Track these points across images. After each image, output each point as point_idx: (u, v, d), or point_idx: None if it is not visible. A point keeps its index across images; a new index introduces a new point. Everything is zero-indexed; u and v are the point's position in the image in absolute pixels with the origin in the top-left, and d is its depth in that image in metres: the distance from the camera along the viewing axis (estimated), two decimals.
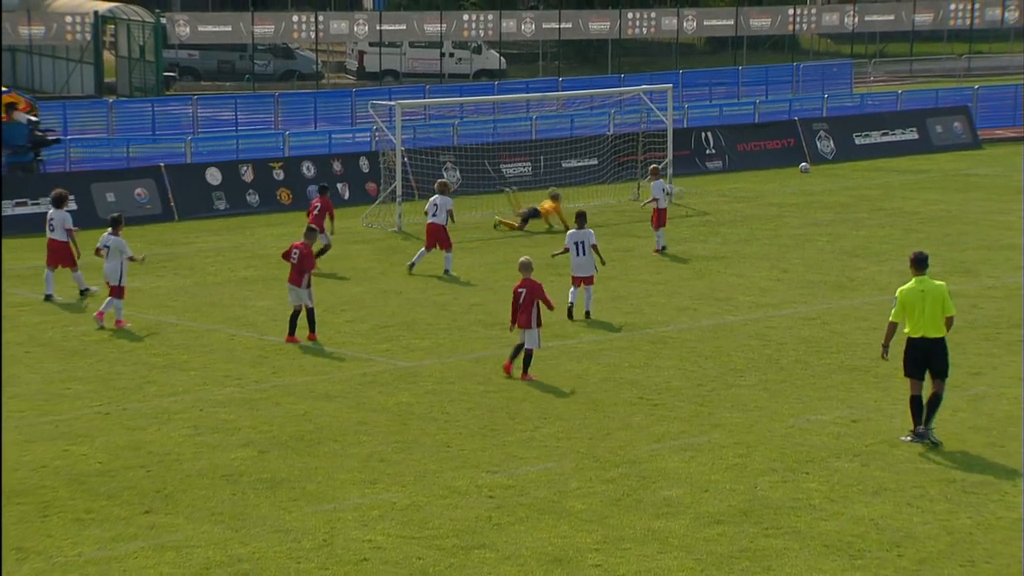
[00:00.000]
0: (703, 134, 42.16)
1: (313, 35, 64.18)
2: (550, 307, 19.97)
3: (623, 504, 14.71)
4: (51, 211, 25.06)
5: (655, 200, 28.78)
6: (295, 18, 64.31)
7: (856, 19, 73.62)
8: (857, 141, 44.35)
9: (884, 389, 18.69)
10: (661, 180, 30.09)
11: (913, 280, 16.72)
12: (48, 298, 24.61)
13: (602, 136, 39.62)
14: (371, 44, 67.16)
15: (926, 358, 16.55)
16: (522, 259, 20.34)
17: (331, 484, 15.46)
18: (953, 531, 13.81)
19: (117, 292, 22.81)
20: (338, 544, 13.77)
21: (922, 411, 16.57)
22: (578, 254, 22.92)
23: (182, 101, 47.10)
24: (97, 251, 23.24)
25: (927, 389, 16.65)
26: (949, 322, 16.65)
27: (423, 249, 27.28)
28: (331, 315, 23.63)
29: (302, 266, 21.70)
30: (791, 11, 73.36)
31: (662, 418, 17.69)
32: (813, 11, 75.28)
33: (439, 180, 29.35)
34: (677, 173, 36.29)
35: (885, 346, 16.89)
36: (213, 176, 34.68)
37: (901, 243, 29.38)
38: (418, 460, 16.22)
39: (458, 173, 37.44)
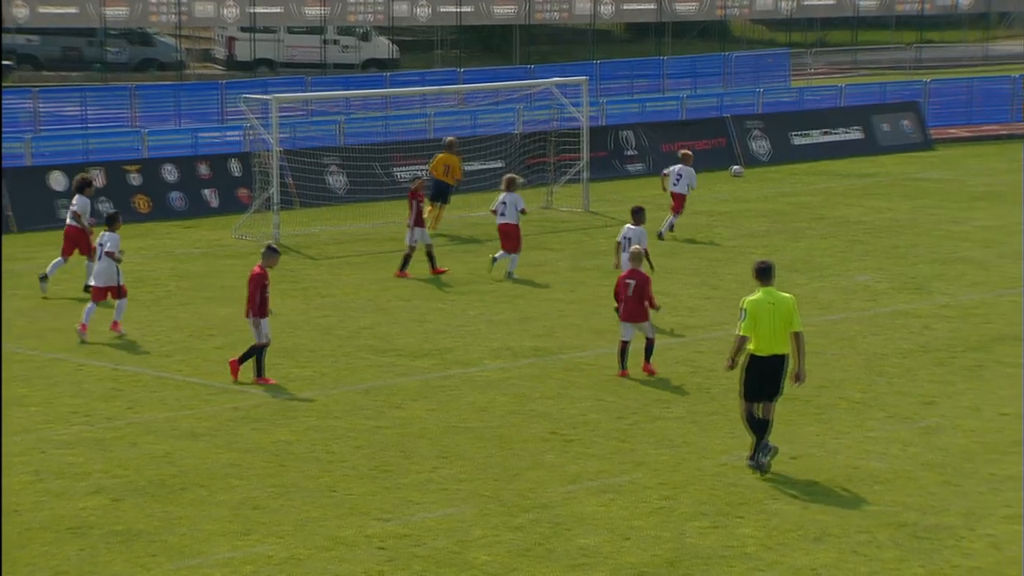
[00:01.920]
0: (623, 133, 42.44)
1: (175, 18, 63.58)
2: (653, 306, 21.18)
3: (533, 554, 14.71)
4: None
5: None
6: (153, 0, 63.67)
7: (793, 3, 74.42)
8: (795, 141, 44.86)
9: (826, 422, 18.90)
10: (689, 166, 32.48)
11: (760, 291, 17.06)
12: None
13: (509, 135, 39.66)
14: (242, 29, 66.68)
15: (767, 377, 16.92)
16: (632, 248, 21.56)
17: (196, 536, 15.30)
18: None
19: (120, 292, 23.78)
20: None
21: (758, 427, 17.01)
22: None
23: (20, 94, 46.36)
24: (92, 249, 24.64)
25: (762, 411, 17.07)
26: (797, 338, 16.90)
27: (502, 252, 28.03)
28: (197, 341, 23.44)
29: (254, 294, 21.11)
30: None
31: (577, 456, 17.72)
32: None
33: (506, 176, 29.76)
34: (594, 177, 36.52)
35: (733, 360, 17.17)
36: (57, 181, 34.18)
37: (844, 256, 29.78)
38: (298, 507, 16.11)
39: (344, 177, 37.27)
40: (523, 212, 28.35)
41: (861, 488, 16.49)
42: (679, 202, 32.19)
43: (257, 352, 21.09)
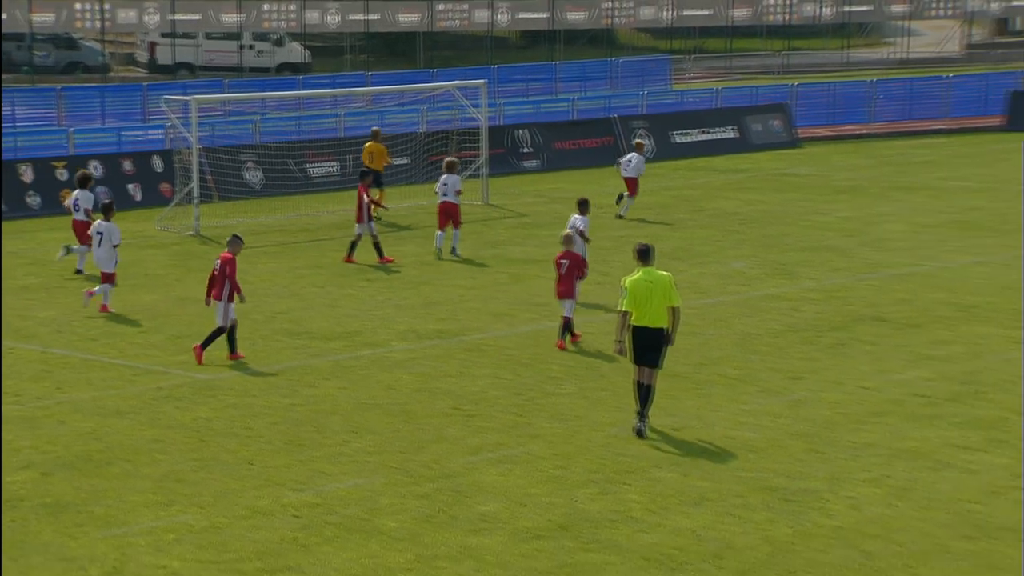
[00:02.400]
0: (518, 132, 42.52)
1: (99, 24, 62.88)
2: (583, 276, 22.08)
3: (437, 520, 14.71)
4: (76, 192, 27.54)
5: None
6: (78, 6, 62.89)
7: (673, 13, 75.03)
8: (676, 139, 45.20)
9: (704, 396, 19.05)
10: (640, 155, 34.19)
11: (640, 271, 17.43)
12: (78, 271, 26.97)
13: (413, 134, 39.62)
14: (163, 35, 66.13)
15: (649, 347, 17.30)
16: (565, 232, 22.41)
17: (122, 507, 15.13)
18: (773, 541, 14.10)
19: (110, 278, 23.99)
20: (129, 571, 13.47)
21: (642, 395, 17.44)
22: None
23: None
24: (89, 237, 25.07)
25: (646, 377, 17.42)
26: (674, 312, 17.31)
27: (439, 232, 28.76)
28: (123, 325, 23.19)
29: (222, 279, 20.84)
30: (607, 4, 74.42)
31: (478, 429, 17.74)
32: (629, 4, 76.45)
33: (447, 159, 30.38)
34: (492, 173, 36.52)
35: (620, 340, 17.47)
36: None
37: (721, 244, 30.05)
38: (218, 479, 15.99)
39: (260, 173, 37.03)
40: (459, 193, 29.02)
41: (736, 456, 16.64)
42: (632, 185, 33.58)
43: (228, 332, 20.88)
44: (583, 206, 24.69)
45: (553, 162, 42.22)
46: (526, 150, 42.12)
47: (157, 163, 36.20)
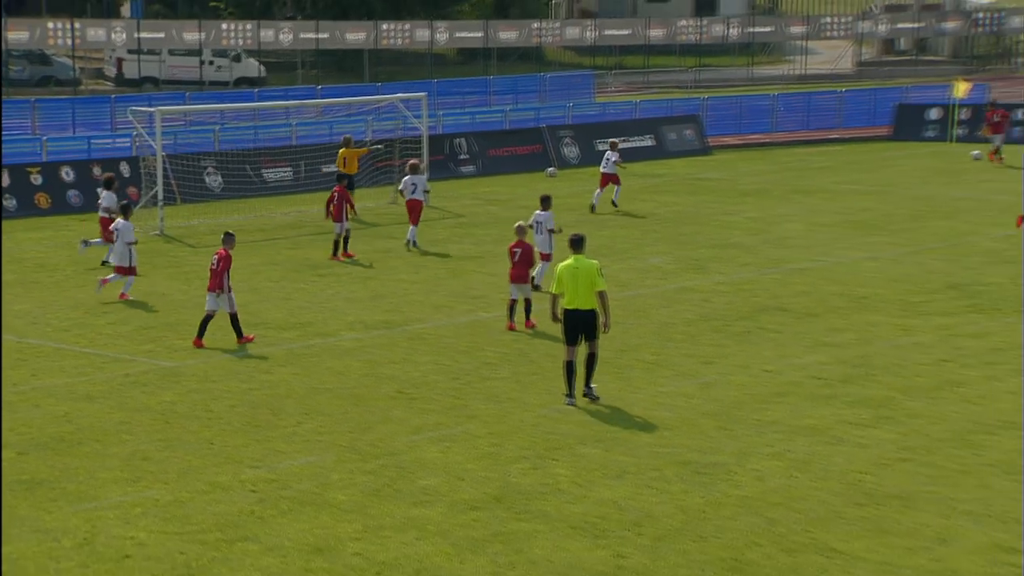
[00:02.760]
0: (456, 140, 42.45)
1: (70, 41, 62.24)
2: (533, 265, 22.30)
3: (383, 494, 14.68)
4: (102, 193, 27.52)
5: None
6: (51, 25, 62.25)
7: (596, 33, 75.35)
8: (599, 147, 45.13)
9: (625, 379, 19.12)
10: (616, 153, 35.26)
11: (571, 258, 17.81)
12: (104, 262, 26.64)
13: (360, 142, 39.41)
14: (130, 51, 65.57)
15: (579, 327, 17.66)
16: (518, 224, 22.47)
17: (92, 483, 14.99)
18: (687, 509, 14.19)
19: (128, 271, 24.07)
20: (99, 542, 13.36)
21: (574, 376, 17.77)
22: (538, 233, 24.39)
23: None
24: (110, 233, 24.87)
25: (582, 353, 17.74)
26: (601, 296, 17.62)
27: (412, 226, 29.02)
28: (93, 317, 22.96)
29: (222, 272, 20.79)
30: (536, 25, 74.70)
31: (420, 411, 17.72)
32: (556, 25, 76.73)
33: (411, 162, 30.80)
34: (432, 177, 36.34)
35: (554, 315, 17.99)
36: None
37: (640, 242, 30.16)
38: (181, 457, 15.87)
39: (220, 177, 36.78)
40: (427, 192, 29.73)
41: (653, 433, 16.72)
42: (615, 179, 34.79)
43: (232, 319, 20.93)
44: (545, 202, 24.71)
45: (488, 168, 42.20)
46: (463, 157, 42.08)
47: (124, 169, 35.76)
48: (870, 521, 13.82)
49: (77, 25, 62.12)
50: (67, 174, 35.04)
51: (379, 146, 36.89)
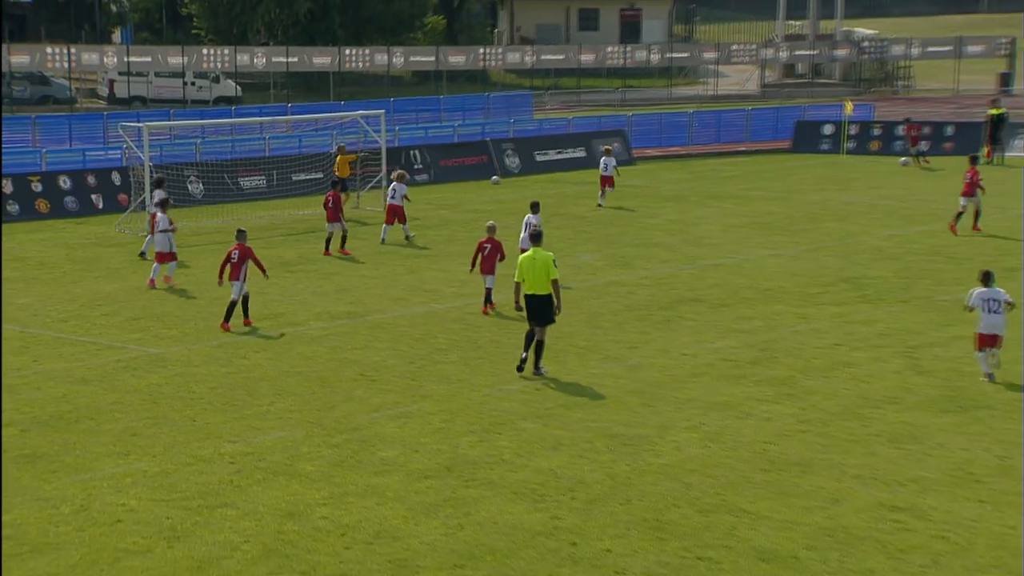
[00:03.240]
0: (412, 152, 42.33)
1: (66, 64, 61.56)
2: (503, 258, 22.31)
3: (346, 464, 14.62)
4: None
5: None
6: (49, 49, 61.61)
7: (534, 57, 75.48)
8: (537, 158, 45.31)
9: (561, 363, 19.14)
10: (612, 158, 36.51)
11: (531, 251, 18.31)
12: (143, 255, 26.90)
13: (326, 153, 39.24)
14: (120, 73, 64.94)
15: (535, 311, 18.12)
16: (489, 223, 22.80)
17: (88, 457, 14.83)
18: (615, 476, 14.24)
19: (170, 257, 24.40)
20: (94, 508, 13.22)
21: (531, 342, 18.19)
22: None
23: None
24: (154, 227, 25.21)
25: (538, 333, 18.12)
26: (554, 284, 18.04)
27: (386, 225, 29.44)
28: (88, 309, 22.70)
29: (243, 263, 21.12)
30: (482, 50, 74.77)
31: (379, 391, 17.66)
32: (499, 50, 76.68)
33: (396, 172, 31.12)
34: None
35: (516, 302, 18.46)
36: None
37: (573, 242, 30.19)
38: (167, 433, 15.73)
39: (201, 185, 36.45)
40: (405, 197, 29.74)
41: (585, 410, 16.76)
42: (610, 182, 35.75)
43: (243, 302, 21.21)
44: (535, 207, 24.84)
45: (440, 176, 42.11)
46: (418, 166, 41.95)
47: (116, 177, 35.48)
48: (773, 485, 13.93)
49: (73, 50, 61.48)
50: (64, 182, 34.65)
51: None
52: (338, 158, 34.49)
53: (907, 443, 15.24)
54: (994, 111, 45.48)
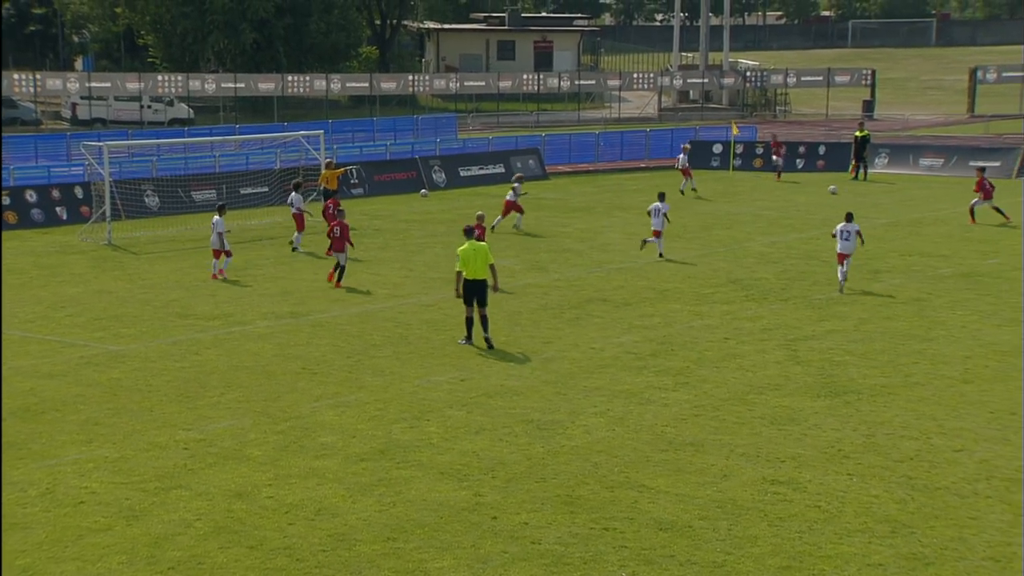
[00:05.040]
0: (348, 168, 41.94)
1: (32, 89, 60.29)
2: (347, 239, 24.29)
3: (290, 449, 14.47)
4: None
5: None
6: (16, 76, 60.40)
7: (458, 84, 75.41)
8: (462, 173, 45.23)
9: (483, 356, 19.13)
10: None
11: (467, 243, 19.17)
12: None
13: (271, 170, 38.85)
14: (82, 97, 63.85)
15: (475, 293, 19.11)
16: (479, 213, 25.03)
17: (53, 444, 14.51)
18: (531, 457, 14.26)
19: (225, 253, 25.37)
20: (59, 491, 12.93)
21: (472, 325, 19.29)
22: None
23: None
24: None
25: (477, 313, 19.18)
26: (491, 268, 19.15)
27: (297, 234, 29.21)
28: (53, 311, 22.20)
29: (344, 237, 24.12)
30: (411, 77, 74.55)
31: (320, 383, 17.51)
32: (427, 77, 76.48)
33: (294, 180, 30.85)
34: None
35: (457, 290, 19.41)
36: None
37: (495, 248, 29.89)
38: (126, 422, 15.44)
39: (157, 198, 35.89)
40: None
41: (505, 398, 16.75)
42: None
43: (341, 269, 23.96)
44: (662, 196, 27.73)
45: (373, 190, 41.84)
46: (354, 181, 41.64)
47: (78, 192, 34.73)
48: (671, 463, 14.04)
49: (38, 76, 60.31)
50: (31, 196, 33.87)
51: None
52: (324, 172, 33.74)
53: (787, 424, 15.45)
54: (859, 133, 46.33)
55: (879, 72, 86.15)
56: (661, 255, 27.86)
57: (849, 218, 24.04)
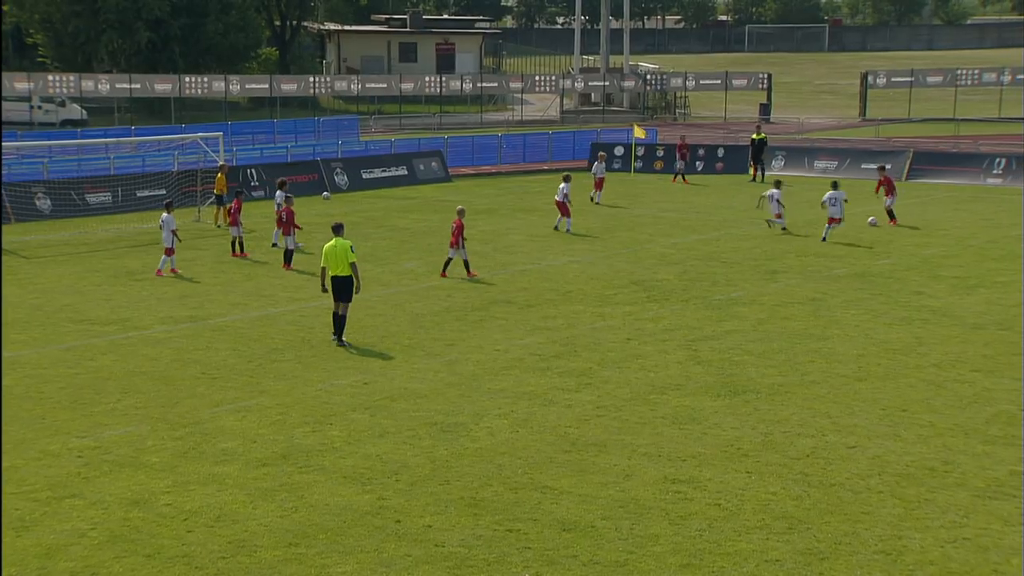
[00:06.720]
0: (248, 170, 41.41)
1: None
2: (461, 236, 25.42)
3: (189, 455, 14.22)
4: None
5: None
6: None
7: (360, 86, 74.91)
8: (364, 176, 44.96)
9: (387, 359, 19.04)
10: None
11: (333, 240, 19.56)
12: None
13: (168, 172, 38.12)
14: None
15: (339, 289, 19.40)
16: (459, 207, 25.73)
17: None
18: (435, 460, 14.23)
19: (169, 251, 25.67)
20: None
21: (338, 323, 19.49)
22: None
23: None
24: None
25: (340, 310, 19.40)
26: (353, 266, 19.36)
27: (277, 230, 28.71)
28: None
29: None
30: (312, 79, 73.77)
31: (220, 388, 17.24)
32: (328, 79, 75.82)
33: (279, 179, 31.12)
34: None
35: (322, 284, 19.70)
36: None
37: (398, 251, 30.08)
38: (16, 431, 14.98)
39: (49, 201, 34.92)
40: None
41: (409, 401, 16.70)
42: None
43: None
44: (778, 185, 30.22)
45: (274, 192, 41.23)
46: (255, 184, 41.10)
47: None
48: (574, 464, 14.14)
49: None
50: None
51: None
52: (218, 176, 33.34)
53: (688, 424, 15.68)
54: (756, 136, 47.29)
55: (775, 76, 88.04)
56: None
57: (835, 186, 28.52)
